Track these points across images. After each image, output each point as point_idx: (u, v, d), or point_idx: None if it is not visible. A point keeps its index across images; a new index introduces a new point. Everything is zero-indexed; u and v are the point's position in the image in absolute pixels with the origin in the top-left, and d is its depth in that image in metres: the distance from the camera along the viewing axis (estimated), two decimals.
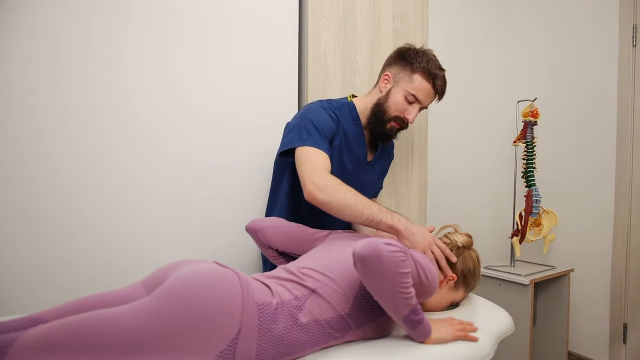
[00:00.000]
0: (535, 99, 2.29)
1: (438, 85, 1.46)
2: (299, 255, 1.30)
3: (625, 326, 2.19)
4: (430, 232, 1.27)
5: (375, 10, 1.94)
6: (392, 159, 1.78)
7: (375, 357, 0.93)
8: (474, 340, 1.04)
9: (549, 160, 2.51)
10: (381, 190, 1.92)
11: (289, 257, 1.35)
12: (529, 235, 2.25)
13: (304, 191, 1.24)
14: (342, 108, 1.52)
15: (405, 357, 0.93)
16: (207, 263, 0.97)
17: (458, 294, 1.27)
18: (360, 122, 1.52)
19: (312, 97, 1.80)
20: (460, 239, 1.30)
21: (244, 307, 0.87)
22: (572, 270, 2.29)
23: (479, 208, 2.65)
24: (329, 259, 1.08)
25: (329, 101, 1.53)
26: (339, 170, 1.47)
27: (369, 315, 1.02)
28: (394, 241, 0.91)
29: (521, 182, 2.34)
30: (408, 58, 1.46)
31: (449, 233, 1.35)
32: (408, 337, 1.03)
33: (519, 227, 2.22)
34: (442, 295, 1.24)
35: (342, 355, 0.94)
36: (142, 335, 0.79)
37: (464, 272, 1.25)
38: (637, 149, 2.15)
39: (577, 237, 2.40)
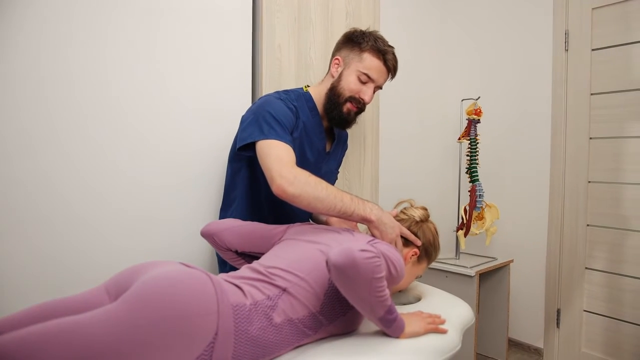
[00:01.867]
0: (479, 97, 2.39)
1: (389, 60, 1.45)
2: (260, 254, 1.27)
3: (558, 311, 2.35)
4: (394, 217, 1.29)
5: (329, 5, 1.93)
6: (347, 149, 1.78)
7: (352, 355, 0.92)
8: (444, 332, 1.07)
9: (490, 156, 2.64)
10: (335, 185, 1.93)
11: (249, 257, 1.31)
12: (472, 228, 2.35)
13: (273, 186, 1.18)
14: (299, 99, 1.49)
15: (383, 353, 0.94)
16: (174, 264, 0.92)
17: (421, 267, 1.30)
18: (317, 112, 1.51)
19: (266, 91, 1.76)
20: (417, 214, 1.32)
21: (220, 310, 0.83)
22: (512, 260, 2.43)
23: (426, 203, 2.72)
24: (295, 257, 1.06)
25: (286, 92, 1.50)
26: (301, 162, 1.43)
27: (339, 311, 1.02)
28: (366, 245, 0.90)
29: (465, 178, 2.44)
30: (355, 39, 1.46)
31: (405, 208, 1.36)
32: (382, 333, 1.04)
33: (464, 221, 2.32)
34: (407, 271, 1.25)
35: (322, 355, 0.93)
36: (113, 344, 0.74)
37: (425, 246, 1.28)
38: (569, 147, 2.31)
39: (516, 229, 2.54)
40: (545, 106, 2.42)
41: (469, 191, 2.37)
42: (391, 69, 1.47)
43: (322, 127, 1.53)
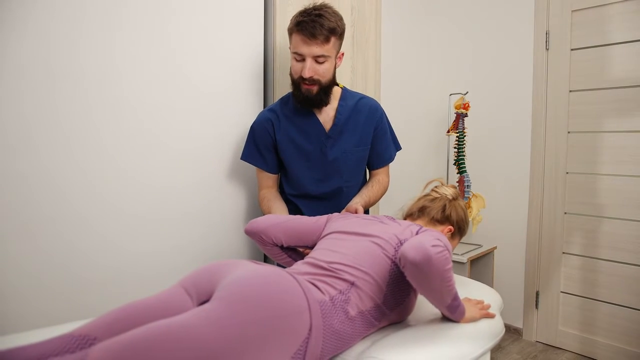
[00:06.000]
0: (467, 92, 2.50)
1: (305, 30, 1.36)
2: (304, 247, 1.29)
3: (537, 293, 2.53)
4: None
5: (335, 1, 1.95)
6: (377, 123, 1.65)
7: (429, 342, 0.98)
8: (493, 316, 1.15)
9: (474, 149, 2.77)
10: None
11: (292, 251, 1.33)
12: None
13: None
14: (290, 96, 1.56)
15: (451, 338, 1.01)
16: (252, 264, 0.94)
17: (455, 242, 1.36)
18: None
19: (278, 86, 1.78)
20: (449, 192, 1.37)
21: (310, 306, 0.87)
22: (496, 247, 2.58)
23: (414, 193, 2.82)
24: (354, 252, 1.08)
25: (287, 94, 1.58)
26: (300, 154, 1.51)
27: (399, 299, 1.07)
28: (437, 240, 0.96)
29: (453, 169, 2.55)
30: (290, 25, 1.45)
31: (436, 187, 1.41)
32: (444, 319, 1.11)
33: None
34: None
35: (401, 343, 0.97)
36: (223, 345, 0.75)
37: (458, 223, 1.33)
38: (549, 140, 2.47)
39: (498, 217, 2.69)
40: (526, 102, 2.56)
41: (457, 182, 2.48)
42: (307, 35, 1.37)
43: (314, 113, 1.55)
